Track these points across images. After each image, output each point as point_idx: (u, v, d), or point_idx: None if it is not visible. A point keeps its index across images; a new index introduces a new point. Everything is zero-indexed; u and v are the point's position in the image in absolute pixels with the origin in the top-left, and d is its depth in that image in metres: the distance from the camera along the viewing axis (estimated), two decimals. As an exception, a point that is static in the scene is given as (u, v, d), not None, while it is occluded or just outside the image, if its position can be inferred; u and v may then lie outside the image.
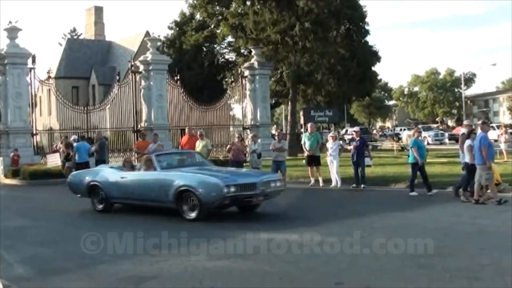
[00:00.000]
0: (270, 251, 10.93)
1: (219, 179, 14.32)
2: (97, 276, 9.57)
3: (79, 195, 17.86)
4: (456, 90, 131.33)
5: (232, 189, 14.03)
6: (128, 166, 17.24)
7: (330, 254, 10.43)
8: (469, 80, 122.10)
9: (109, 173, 17.11)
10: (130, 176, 16.40)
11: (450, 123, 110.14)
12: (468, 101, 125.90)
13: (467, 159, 17.11)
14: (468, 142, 17.10)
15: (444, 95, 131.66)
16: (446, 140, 55.57)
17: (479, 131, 17.15)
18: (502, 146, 34.01)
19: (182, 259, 10.42)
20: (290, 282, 8.79)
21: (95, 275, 9.64)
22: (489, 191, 16.46)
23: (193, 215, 14.34)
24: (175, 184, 14.71)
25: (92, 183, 17.00)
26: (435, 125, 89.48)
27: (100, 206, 16.82)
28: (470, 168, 16.88)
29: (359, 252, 10.56)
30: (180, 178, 14.94)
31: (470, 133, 17.36)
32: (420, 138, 19.72)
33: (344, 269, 9.39)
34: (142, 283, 8.97)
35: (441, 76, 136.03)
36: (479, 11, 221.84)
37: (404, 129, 63.91)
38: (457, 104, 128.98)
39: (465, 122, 19.93)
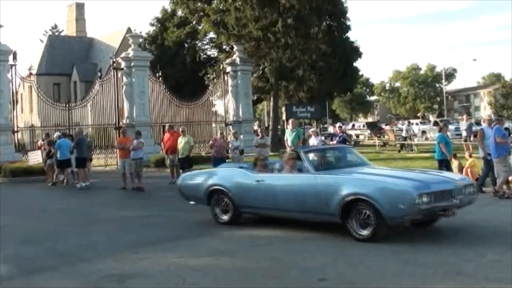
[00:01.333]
0: (253, 248, 10.93)
1: (408, 185, 10.77)
2: (80, 274, 9.48)
3: (192, 202, 14.81)
4: (437, 85, 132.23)
5: (426, 199, 10.46)
6: (262, 165, 13.90)
7: (313, 250, 10.43)
8: (450, 75, 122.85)
9: (238, 175, 13.62)
10: (269, 179, 12.95)
11: (432, 118, 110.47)
12: (449, 96, 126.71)
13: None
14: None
15: (425, 91, 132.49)
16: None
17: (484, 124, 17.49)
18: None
19: (164, 256, 10.40)
20: (273, 279, 8.75)
21: (78, 273, 9.56)
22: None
23: (365, 233, 10.91)
24: (340, 191, 11.20)
25: (214, 187, 13.61)
26: (416, 120, 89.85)
27: (225, 217, 13.38)
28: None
29: (343, 246, 10.59)
30: (347, 183, 11.47)
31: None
32: (447, 133, 19.27)
33: (327, 265, 9.38)
34: (125, 281, 8.91)
35: (422, 72, 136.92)
36: (458, 6, 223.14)
37: (417, 124, 63.15)
38: (438, 99, 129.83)
39: (485, 116, 19.77)
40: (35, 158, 28.86)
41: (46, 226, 14.45)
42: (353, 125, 68.99)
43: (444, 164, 18.48)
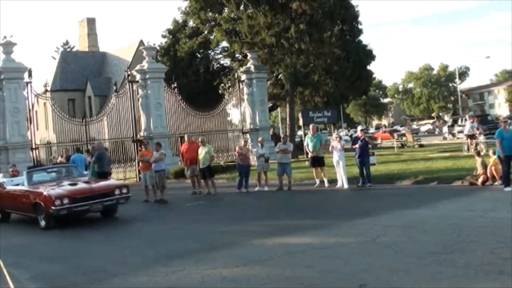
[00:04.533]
0: (286, 255, 10.71)
1: None
2: (113, 290, 9.37)
3: None
4: (450, 84, 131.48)
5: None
6: None
7: (347, 255, 10.24)
8: (463, 74, 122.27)
9: None
10: None
11: (446, 117, 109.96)
12: (463, 95, 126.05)
13: None
14: None
15: (439, 90, 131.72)
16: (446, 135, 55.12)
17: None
18: (465, 138, 34.37)
19: (197, 268, 10.24)
20: (312, 286, 8.60)
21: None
22: None
23: None
24: None
25: None
26: (431, 121, 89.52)
27: None
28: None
29: (377, 251, 10.41)
30: None
31: None
32: (506, 129, 18.66)
33: (364, 270, 9.18)
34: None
35: (434, 72, 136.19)
36: (468, 5, 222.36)
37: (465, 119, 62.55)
38: (452, 98, 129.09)
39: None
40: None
41: (73, 243, 14.38)
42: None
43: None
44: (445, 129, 58.26)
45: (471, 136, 31.49)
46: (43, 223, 16.51)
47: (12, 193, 18.78)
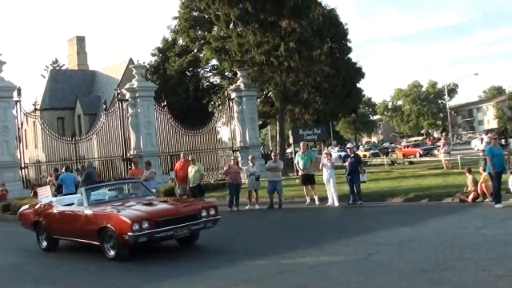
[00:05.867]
0: (279, 274, 10.65)
1: None
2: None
3: None
4: (439, 101, 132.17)
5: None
6: None
7: (339, 274, 10.19)
8: (452, 91, 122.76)
9: None
10: None
11: (436, 134, 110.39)
12: (452, 112, 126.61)
13: None
14: None
15: (428, 107, 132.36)
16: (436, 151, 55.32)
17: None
18: (442, 156, 35.56)
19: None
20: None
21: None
22: None
23: None
24: None
25: None
26: (420, 138, 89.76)
27: None
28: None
29: (369, 270, 10.36)
30: None
31: None
32: (496, 145, 18.76)
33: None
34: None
35: (423, 89, 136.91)
36: (455, 21, 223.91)
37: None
38: (441, 115, 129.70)
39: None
40: (44, 193, 28.61)
41: (63, 263, 14.19)
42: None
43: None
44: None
45: None
46: (111, 252, 13.28)
47: (66, 215, 15.29)
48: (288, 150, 50.58)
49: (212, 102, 52.54)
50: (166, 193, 29.32)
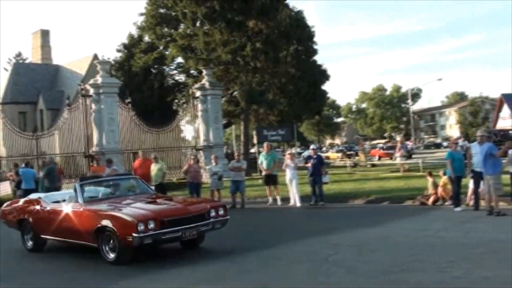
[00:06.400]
0: (240, 274, 10.66)
1: None
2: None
3: None
4: (403, 105, 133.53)
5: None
6: None
7: (300, 274, 10.24)
8: (415, 95, 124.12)
9: None
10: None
11: (398, 138, 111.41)
12: (415, 116, 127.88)
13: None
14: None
15: (392, 111, 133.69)
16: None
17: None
18: (398, 160, 36.27)
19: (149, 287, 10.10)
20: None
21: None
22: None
23: None
24: None
25: None
26: (383, 141, 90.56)
27: None
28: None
29: (329, 270, 10.41)
30: None
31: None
32: (457, 149, 18.99)
33: (317, 289, 9.21)
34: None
35: (387, 92, 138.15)
36: (422, 27, 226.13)
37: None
38: (404, 119, 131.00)
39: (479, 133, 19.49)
40: (3, 189, 28.34)
41: (22, 261, 13.98)
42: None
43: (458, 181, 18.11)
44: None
45: None
46: (111, 255, 12.13)
47: (57, 213, 13.90)
48: (252, 150, 50.66)
49: (176, 100, 52.32)
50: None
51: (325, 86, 52.12)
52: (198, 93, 37.78)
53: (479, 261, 10.40)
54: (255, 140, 39.29)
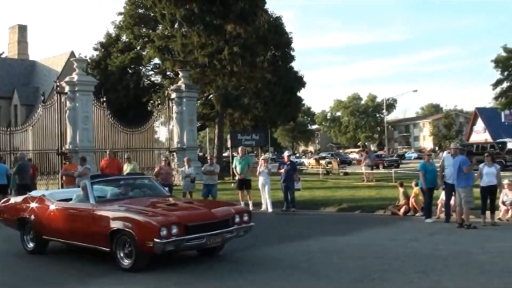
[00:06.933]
0: (208, 280, 10.56)
1: None
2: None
3: None
4: (377, 115, 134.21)
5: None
6: None
7: (269, 281, 10.23)
8: (390, 105, 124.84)
9: None
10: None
11: (372, 147, 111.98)
12: (390, 126, 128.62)
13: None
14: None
15: (366, 120, 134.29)
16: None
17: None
18: (363, 169, 36.76)
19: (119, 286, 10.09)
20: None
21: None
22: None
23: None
24: None
25: None
26: (357, 150, 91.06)
27: None
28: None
29: (298, 278, 10.42)
30: None
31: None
32: (430, 161, 19.14)
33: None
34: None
35: (363, 102, 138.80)
36: (400, 37, 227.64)
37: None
38: (378, 129, 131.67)
39: (452, 146, 19.66)
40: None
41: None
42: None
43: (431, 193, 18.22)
44: None
45: None
46: (126, 262, 11.16)
47: (65, 213, 12.88)
48: (225, 154, 50.64)
49: (151, 101, 52.11)
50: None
51: (301, 93, 52.29)
52: (173, 95, 37.69)
53: (448, 273, 10.47)
54: (229, 144, 39.25)
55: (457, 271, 10.63)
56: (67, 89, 32.54)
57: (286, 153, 24.74)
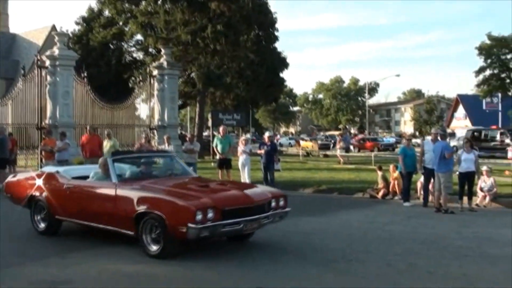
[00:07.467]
0: (188, 256, 10.52)
1: None
2: (7, 280, 8.96)
3: None
4: (359, 98, 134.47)
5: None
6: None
7: (246, 260, 10.27)
8: (373, 89, 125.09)
9: None
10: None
11: (353, 130, 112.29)
12: (371, 110, 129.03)
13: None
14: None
15: (348, 103, 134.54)
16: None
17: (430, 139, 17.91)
18: (338, 152, 37.83)
19: (95, 263, 10.06)
20: (210, 287, 8.57)
21: (4, 279, 8.99)
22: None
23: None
24: None
25: None
26: (337, 132, 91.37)
27: None
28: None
29: (276, 257, 10.46)
30: None
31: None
32: (410, 146, 19.27)
33: (263, 275, 9.23)
34: (56, 287, 8.57)
35: (345, 85, 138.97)
36: (386, 22, 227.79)
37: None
38: (360, 112, 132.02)
39: (433, 131, 19.84)
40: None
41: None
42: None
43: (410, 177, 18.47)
44: None
45: None
46: (153, 248, 10.30)
47: (83, 192, 11.96)
48: (205, 133, 50.55)
49: (133, 78, 51.75)
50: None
51: (284, 74, 52.07)
52: (155, 72, 37.44)
53: (424, 256, 10.57)
54: (210, 123, 39.18)
55: (434, 255, 10.72)
56: (47, 63, 32.21)
57: (267, 134, 24.71)
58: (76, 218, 12.08)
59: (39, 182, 12.86)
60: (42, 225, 12.73)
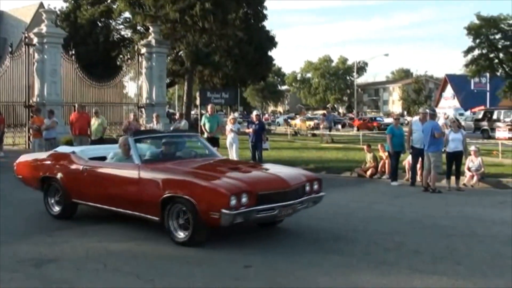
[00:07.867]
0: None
1: None
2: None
3: None
4: (348, 77, 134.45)
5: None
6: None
7: (235, 239, 10.24)
8: (361, 69, 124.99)
9: None
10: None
11: (341, 110, 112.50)
12: (359, 89, 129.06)
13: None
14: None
15: (336, 82, 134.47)
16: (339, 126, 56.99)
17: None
18: (321, 131, 38.76)
19: (83, 241, 10.06)
20: (197, 265, 8.58)
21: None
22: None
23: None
24: None
25: None
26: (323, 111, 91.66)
27: None
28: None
29: (265, 236, 10.53)
30: None
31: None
32: (398, 125, 19.31)
33: (251, 253, 9.26)
34: (43, 265, 8.57)
35: (333, 64, 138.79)
36: (374, 1, 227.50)
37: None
38: (348, 91, 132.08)
39: (421, 110, 19.89)
40: None
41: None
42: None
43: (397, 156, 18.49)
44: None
45: None
46: (181, 234, 9.66)
47: (103, 174, 11.19)
48: (193, 112, 50.41)
49: (121, 56, 51.50)
50: (67, 144, 28.54)
51: (272, 53, 52.06)
52: (143, 50, 37.33)
53: (411, 235, 10.63)
54: (197, 102, 39.06)
55: (421, 234, 10.80)
56: (35, 40, 32.03)
57: (255, 112, 24.69)
58: (95, 202, 11.38)
59: (54, 162, 12.25)
60: (57, 209, 12.13)
